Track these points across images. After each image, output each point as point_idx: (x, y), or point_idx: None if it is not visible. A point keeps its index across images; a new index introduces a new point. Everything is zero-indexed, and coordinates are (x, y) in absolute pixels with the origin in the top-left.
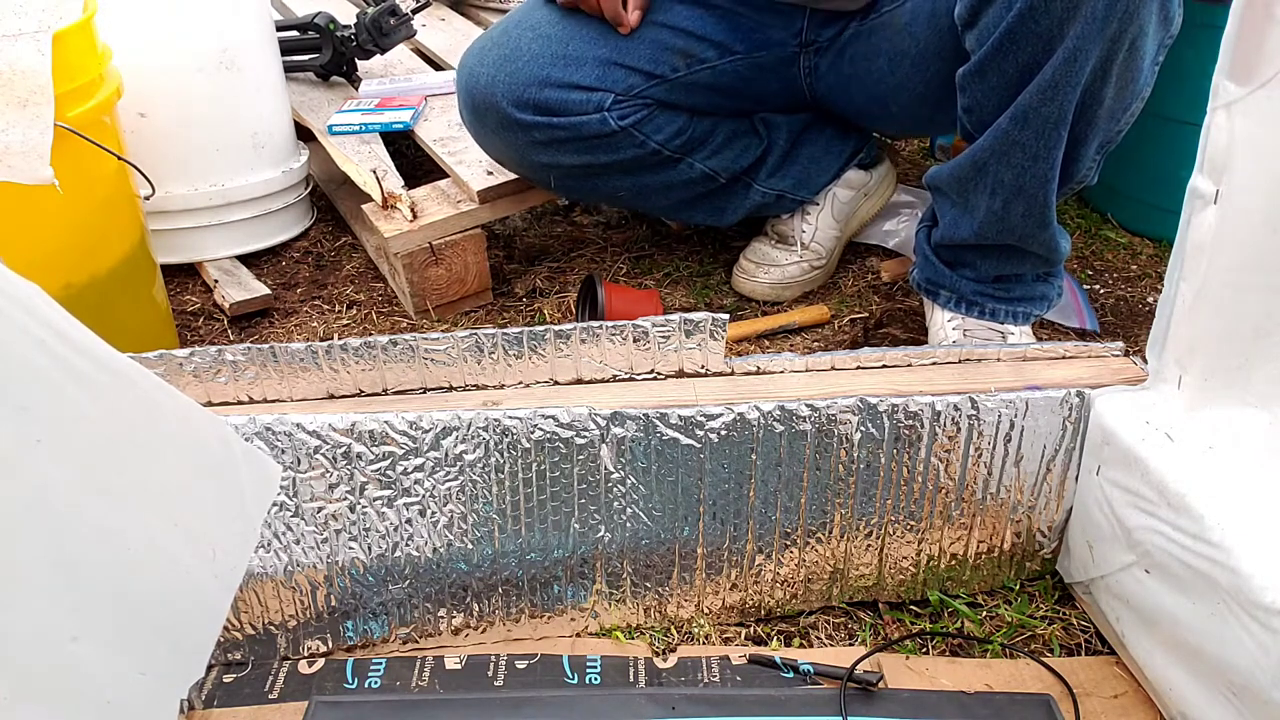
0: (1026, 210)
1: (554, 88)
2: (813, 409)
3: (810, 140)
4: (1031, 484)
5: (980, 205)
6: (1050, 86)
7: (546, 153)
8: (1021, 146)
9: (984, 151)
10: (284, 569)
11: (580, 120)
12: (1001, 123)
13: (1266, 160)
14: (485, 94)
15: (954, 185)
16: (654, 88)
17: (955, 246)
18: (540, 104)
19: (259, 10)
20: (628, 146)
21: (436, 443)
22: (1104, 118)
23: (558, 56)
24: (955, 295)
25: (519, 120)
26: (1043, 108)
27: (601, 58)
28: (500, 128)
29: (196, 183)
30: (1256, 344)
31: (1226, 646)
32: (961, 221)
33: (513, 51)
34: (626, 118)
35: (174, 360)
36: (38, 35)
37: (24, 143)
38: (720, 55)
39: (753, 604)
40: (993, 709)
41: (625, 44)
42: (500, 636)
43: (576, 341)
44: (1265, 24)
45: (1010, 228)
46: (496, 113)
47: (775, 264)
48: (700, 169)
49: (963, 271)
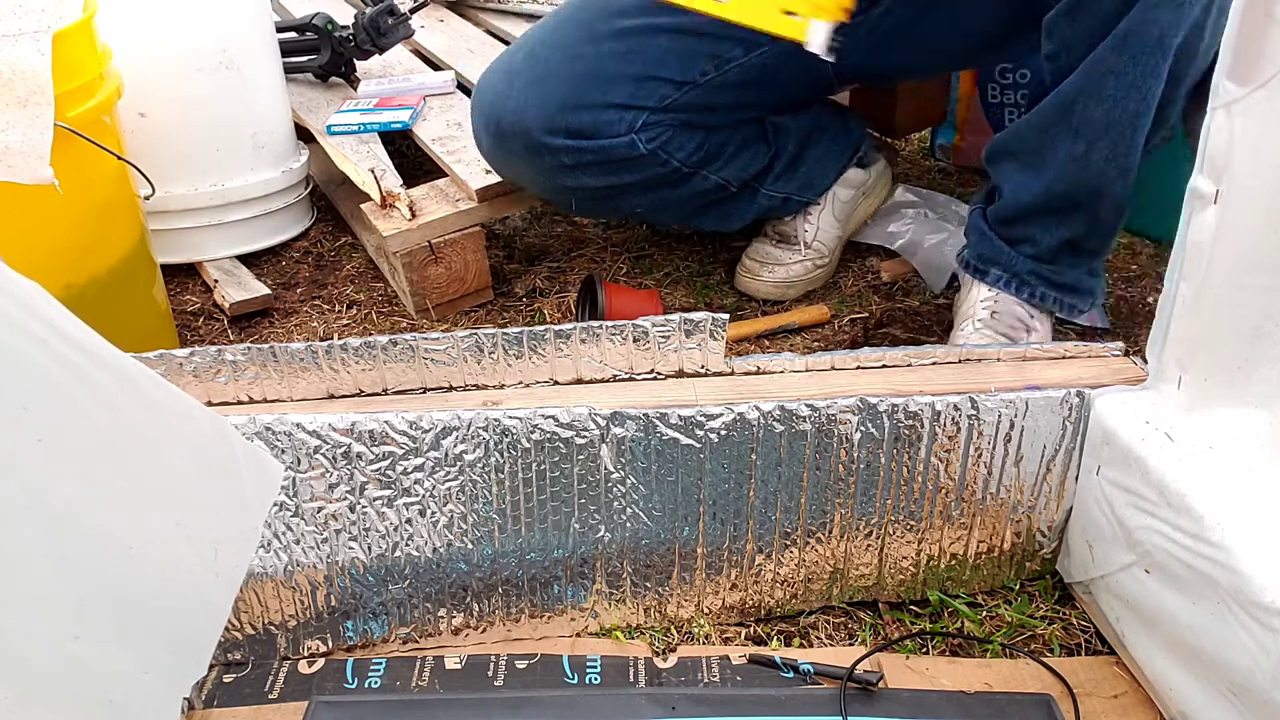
0: (1111, 152)
1: (586, 109)
2: (813, 409)
3: (815, 143)
4: (1031, 484)
5: (1059, 152)
6: (1154, 6)
7: (572, 176)
8: (1117, 75)
9: (1072, 88)
10: (284, 569)
11: (609, 143)
12: (1099, 52)
13: (1266, 160)
14: (515, 120)
15: (1029, 138)
16: (686, 94)
17: (1018, 216)
18: (572, 128)
19: (259, 10)
20: (652, 166)
21: (436, 443)
22: (1202, 52)
23: (590, 75)
24: (1008, 273)
25: (548, 145)
26: (1145, 30)
27: (634, 74)
28: (526, 152)
29: (196, 183)
30: (1256, 344)
31: (1226, 646)
32: (1031, 181)
33: (543, 74)
34: (654, 140)
35: (174, 360)
36: (38, 35)
37: (24, 143)
38: (747, 51)
39: (753, 604)
40: (993, 709)
41: (655, 57)
42: (500, 636)
43: (576, 341)
44: (1265, 24)
45: (1089, 175)
46: (524, 138)
47: (779, 263)
48: (714, 180)
49: (1022, 248)
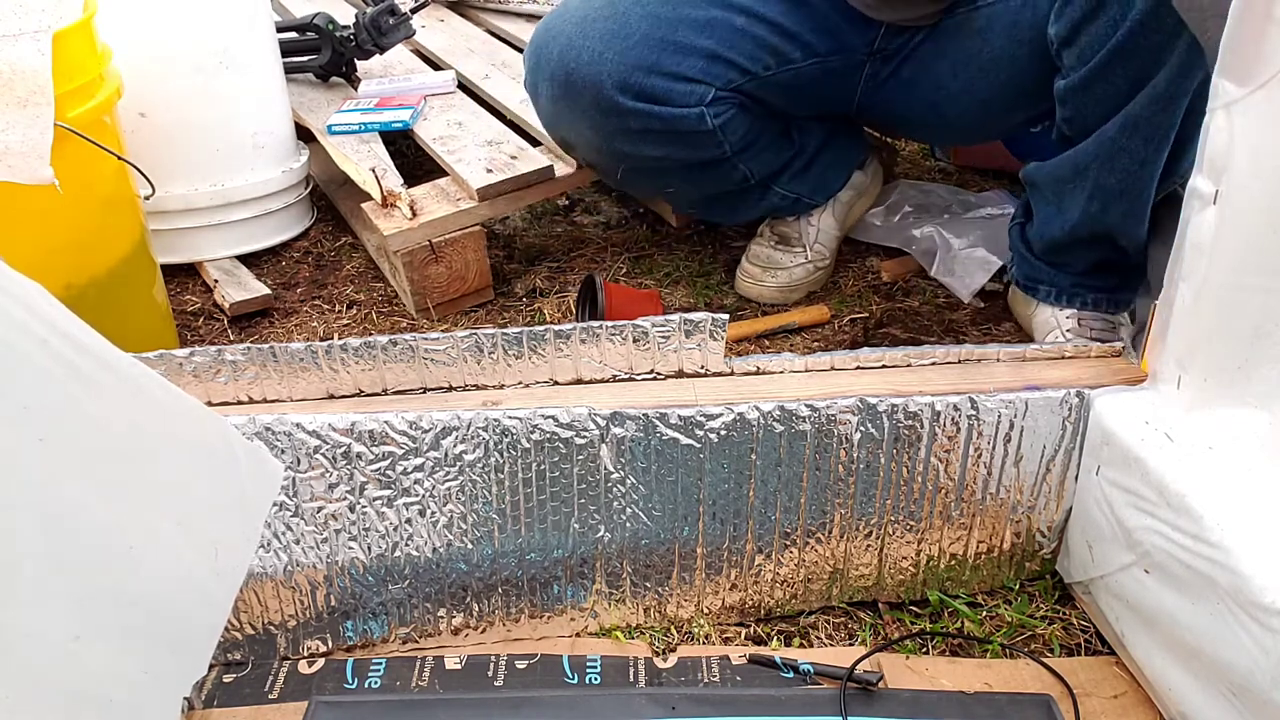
0: (1127, 211)
1: (661, 76)
2: (812, 409)
3: (830, 146)
4: (1031, 484)
5: (1077, 205)
6: (1163, 97)
7: (632, 142)
8: (1129, 153)
9: (1086, 156)
10: (284, 569)
11: (680, 113)
12: (1108, 130)
13: (1266, 160)
14: (589, 71)
15: (1050, 184)
16: (746, 84)
17: (1049, 248)
18: (646, 91)
19: (259, 10)
20: (708, 146)
21: (436, 443)
22: None
23: (667, 42)
24: (1056, 289)
25: (619, 104)
26: (1154, 117)
27: (707, 49)
28: (594, 108)
29: (196, 183)
30: (1256, 344)
31: (1226, 646)
32: (1055, 218)
33: (621, 28)
34: (719, 116)
35: (173, 360)
36: (38, 35)
37: (24, 143)
38: (805, 56)
39: (752, 604)
40: (993, 709)
41: (729, 37)
42: (500, 636)
43: (576, 341)
44: (1264, 24)
45: (1107, 226)
46: (595, 93)
47: (781, 267)
48: (742, 170)
49: (1062, 269)
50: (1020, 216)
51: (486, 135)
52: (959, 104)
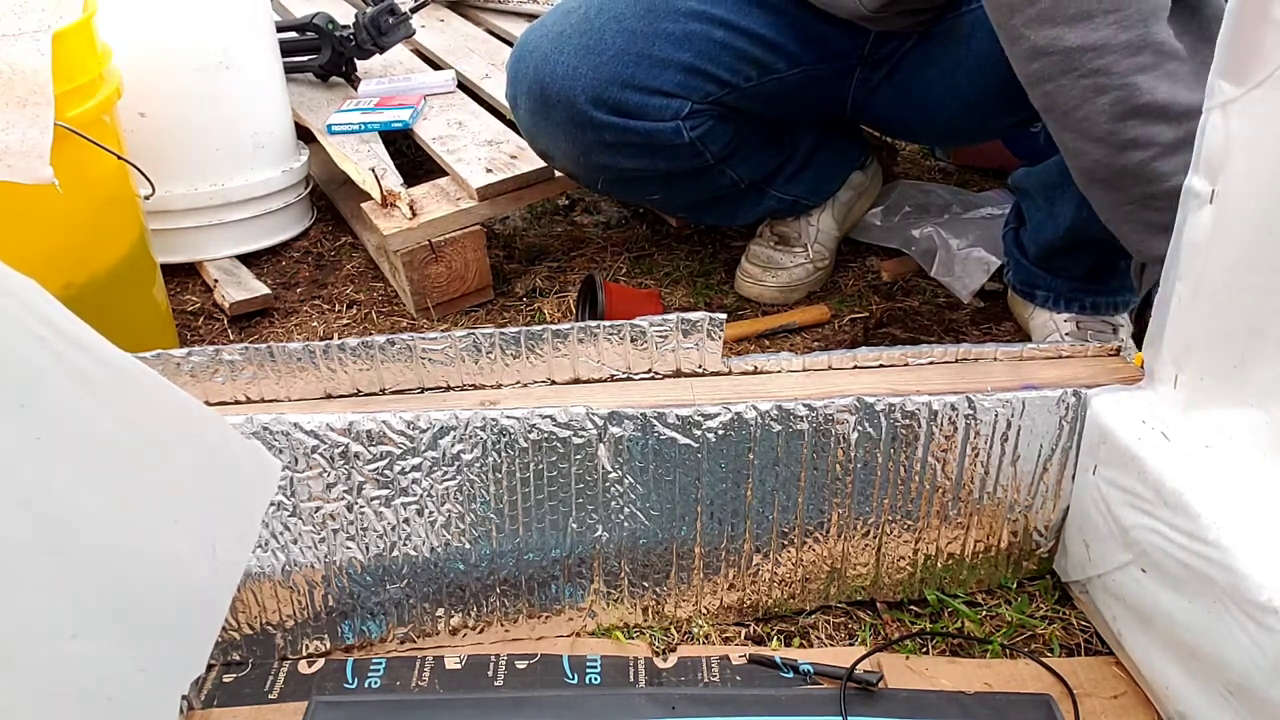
0: None
1: (635, 90)
2: (810, 408)
3: (824, 149)
4: (1028, 483)
5: (1067, 212)
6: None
7: (609, 154)
8: None
9: None
10: (281, 569)
11: (655, 127)
12: None
13: (1262, 160)
14: (563, 86)
15: (1040, 190)
16: (726, 96)
17: (1043, 253)
18: (620, 105)
19: (259, 10)
20: (687, 157)
21: (434, 442)
22: None
23: (643, 56)
24: (1053, 294)
25: (593, 119)
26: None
27: (683, 63)
28: (569, 123)
29: (196, 182)
30: (1252, 343)
31: (1223, 645)
32: (1047, 225)
33: (596, 43)
34: (696, 129)
35: (171, 360)
36: (38, 35)
37: (24, 143)
38: (789, 66)
39: (750, 604)
40: (993, 709)
41: (708, 49)
42: (498, 636)
43: (574, 341)
44: (1261, 24)
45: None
46: (570, 108)
47: (781, 267)
48: (730, 175)
49: (1058, 274)
50: (1013, 221)
51: (486, 135)
52: (951, 107)
